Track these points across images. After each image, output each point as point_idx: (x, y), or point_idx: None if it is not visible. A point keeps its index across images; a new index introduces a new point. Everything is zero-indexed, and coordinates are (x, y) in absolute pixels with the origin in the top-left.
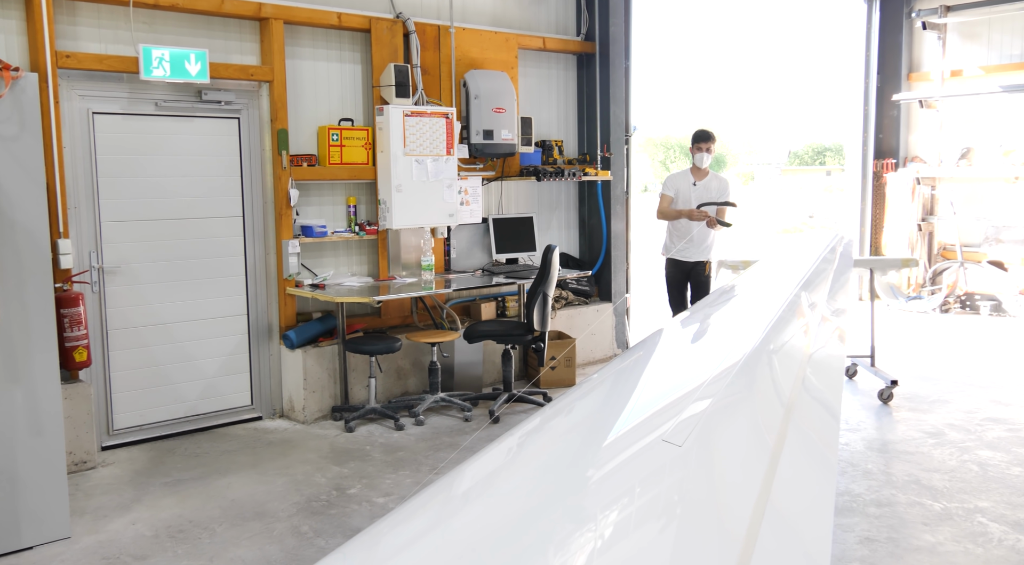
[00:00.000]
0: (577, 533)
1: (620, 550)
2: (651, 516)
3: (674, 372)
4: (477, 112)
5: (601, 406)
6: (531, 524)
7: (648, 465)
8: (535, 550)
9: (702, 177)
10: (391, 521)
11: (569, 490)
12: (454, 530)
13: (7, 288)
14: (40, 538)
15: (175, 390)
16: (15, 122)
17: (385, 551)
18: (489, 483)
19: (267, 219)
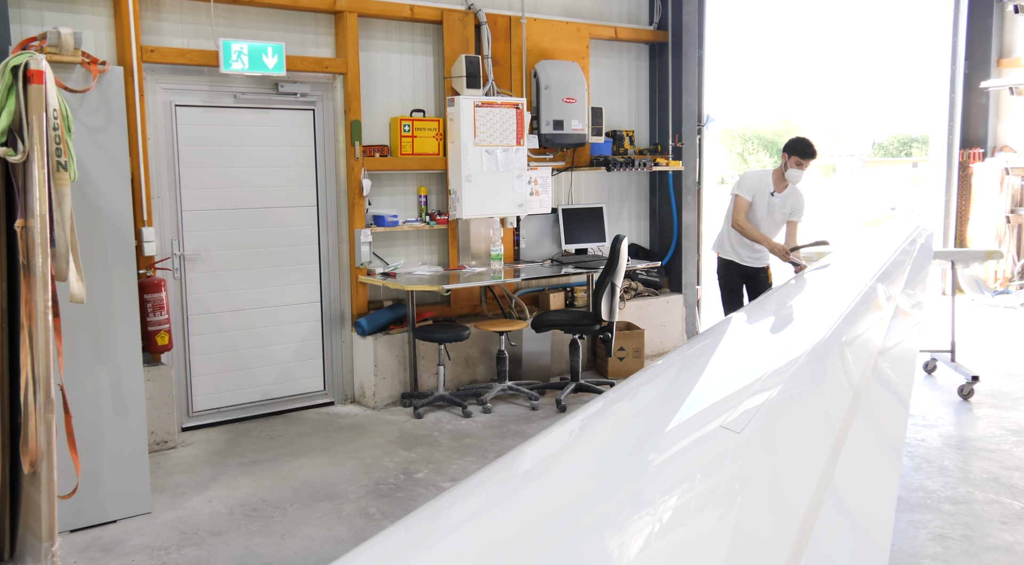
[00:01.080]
0: (635, 516)
1: (677, 534)
2: (710, 502)
3: (739, 360)
4: (547, 102)
5: (664, 392)
6: (590, 506)
7: (708, 452)
8: (592, 531)
9: (783, 188)
10: (452, 497)
11: (629, 474)
12: (513, 509)
13: (94, 273)
14: (123, 513)
15: (251, 374)
16: (102, 114)
17: (445, 526)
18: (549, 464)
19: (340, 209)
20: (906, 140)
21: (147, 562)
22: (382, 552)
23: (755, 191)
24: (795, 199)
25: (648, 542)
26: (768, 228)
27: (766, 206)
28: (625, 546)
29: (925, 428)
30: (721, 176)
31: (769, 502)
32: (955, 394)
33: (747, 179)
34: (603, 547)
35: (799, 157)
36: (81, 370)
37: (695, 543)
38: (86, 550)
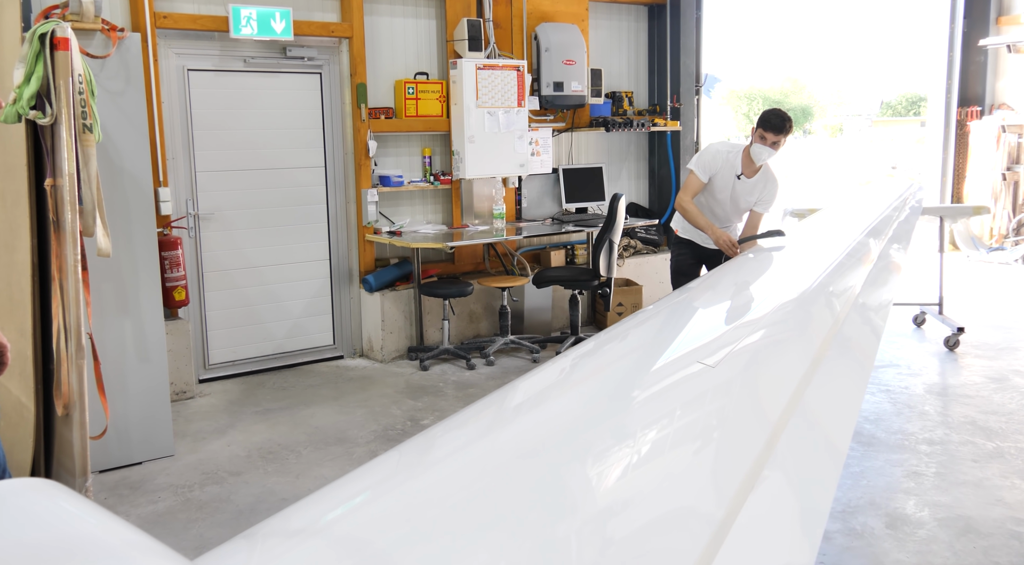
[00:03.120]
0: (616, 447)
1: (653, 450)
2: (687, 426)
3: (725, 304)
4: (548, 64)
5: (654, 334)
6: (574, 437)
7: (688, 384)
8: (575, 459)
9: (752, 172)
10: (446, 426)
11: (613, 406)
12: (502, 439)
13: (117, 229)
14: (148, 455)
15: (264, 329)
16: (121, 78)
17: (437, 454)
18: (540, 399)
19: (347, 169)
20: (915, 99)
21: (172, 498)
22: (378, 475)
23: (715, 170)
24: (765, 187)
25: (629, 463)
26: (728, 217)
27: (729, 190)
28: (604, 473)
29: (909, 377)
30: (727, 137)
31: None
32: (941, 345)
33: (709, 154)
34: (583, 473)
35: (763, 129)
36: (107, 320)
37: (674, 457)
38: (115, 488)
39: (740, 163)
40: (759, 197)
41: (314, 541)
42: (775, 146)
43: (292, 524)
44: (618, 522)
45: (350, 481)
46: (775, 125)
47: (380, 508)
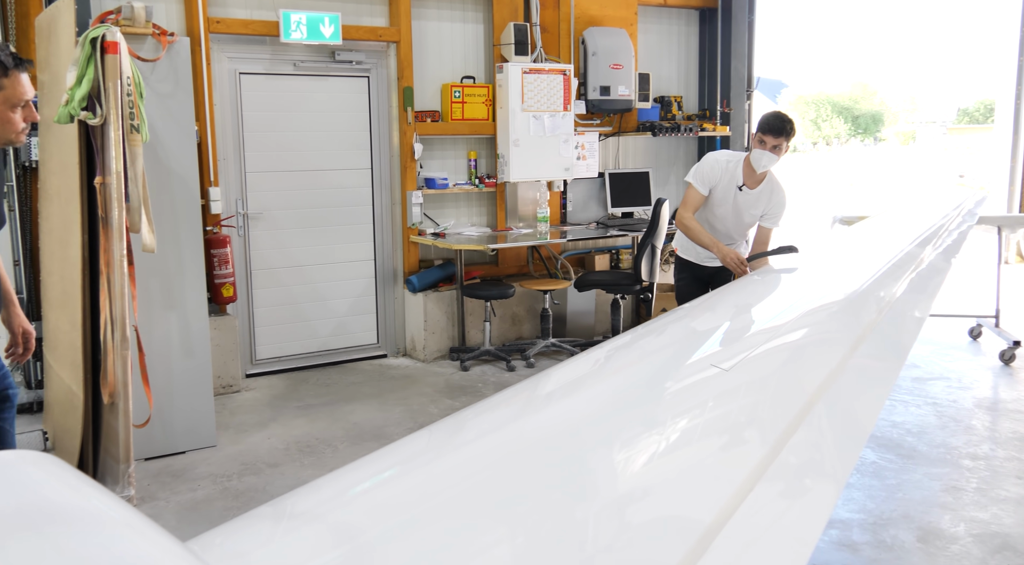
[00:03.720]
0: (644, 435)
1: (659, 445)
2: (693, 427)
3: (748, 308)
4: (595, 69)
5: (690, 330)
6: (601, 423)
7: (700, 386)
8: (601, 445)
9: (756, 183)
10: (477, 409)
11: (642, 398)
12: (533, 424)
13: (164, 227)
14: (191, 445)
15: (309, 327)
16: (171, 81)
17: (467, 435)
18: (572, 387)
19: (393, 171)
20: (993, 105)
21: (211, 487)
22: (407, 452)
23: (715, 181)
24: (771, 199)
25: (655, 447)
26: (730, 233)
27: (731, 203)
28: (631, 459)
29: (959, 390)
30: (793, 144)
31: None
32: (996, 359)
33: (707, 165)
34: (609, 458)
35: (762, 133)
36: (154, 314)
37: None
38: (158, 475)
39: (741, 173)
40: (765, 210)
41: (338, 514)
42: (776, 151)
43: (317, 497)
44: (620, 507)
45: (379, 458)
46: (775, 127)
47: (406, 485)
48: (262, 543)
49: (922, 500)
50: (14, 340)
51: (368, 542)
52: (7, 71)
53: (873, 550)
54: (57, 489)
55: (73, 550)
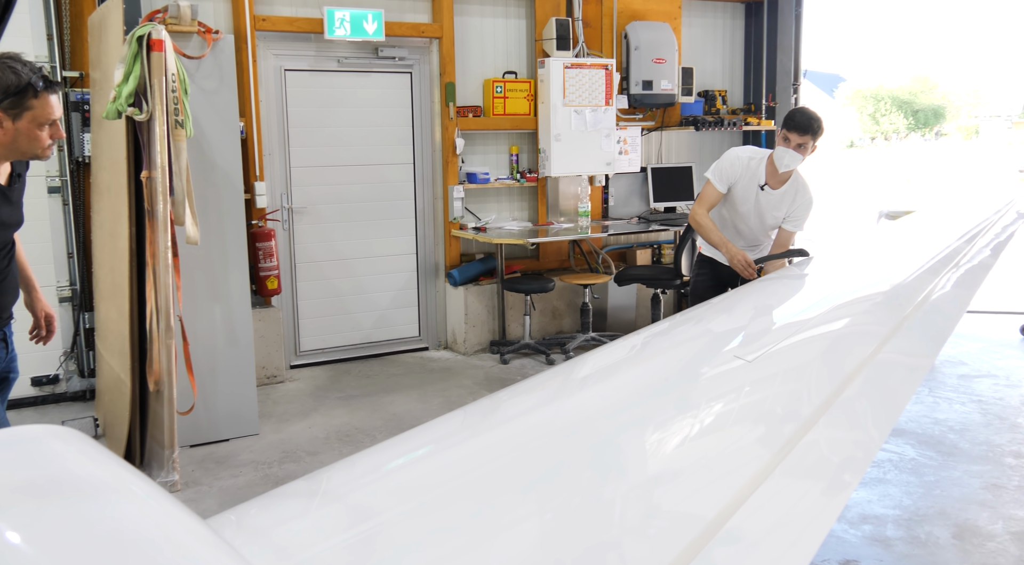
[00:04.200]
0: (678, 418)
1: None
2: (713, 416)
3: (776, 301)
4: (637, 63)
5: (718, 322)
6: (635, 407)
7: (723, 377)
8: (636, 427)
9: (779, 183)
10: (512, 392)
11: (665, 387)
12: (567, 406)
13: (208, 220)
14: (234, 433)
15: (353, 319)
16: (215, 78)
17: (502, 416)
18: (608, 372)
19: (435, 166)
20: None
21: (252, 473)
22: (441, 431)
23: (735, 179)
24: (795, 201)
25: (686, 433)
26: (755, 235)
27: (752, 202)
28: (664, 440)
29: (1007, 388)
30: (850, 139)
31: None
32: None
33: (727, 161)
34: (633, 443)
35: (786, 130)
36: (199, 305)
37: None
38: (202, 462)
39: (764, 172)
40: (788, 212)
41: (361, 493)
42: (801, 150)
43: (352, 472)
44: (644, 489)
45: (415, 436)
46: (800, 124)
47: (441, 462)
48: (280, 521)
49: (960, 497)
50: (36, 323)
51: (389, 520)
52: (37, 93)
53: (906, 546)
54: (79, 461)
55: (92, 517)
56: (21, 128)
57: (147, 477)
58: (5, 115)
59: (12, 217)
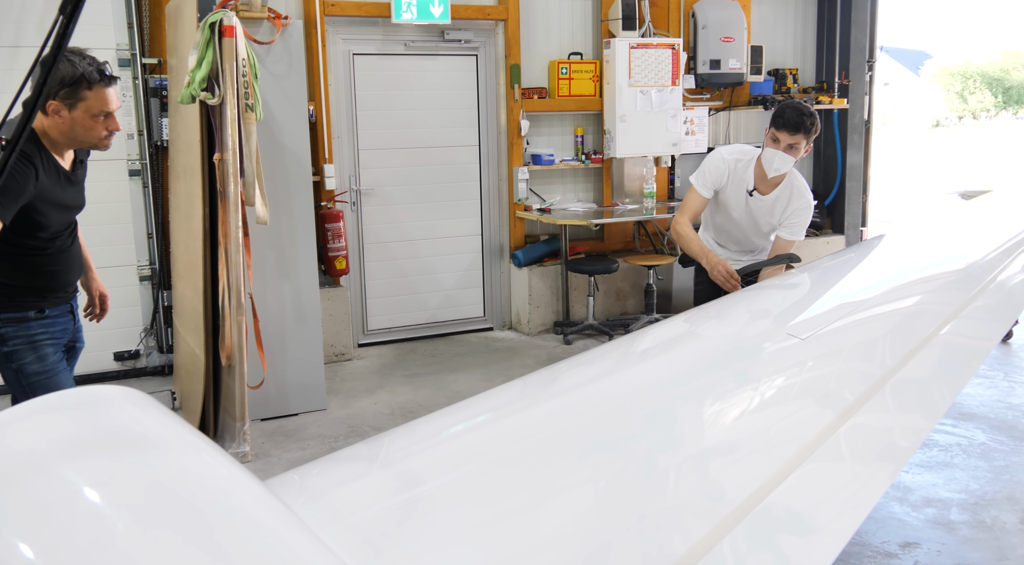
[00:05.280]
0: (738, 390)
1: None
2: (764, 392)
3: (835, 280)
4: (704, 42)
5: (774, 300)
6: (688, 382)
7: (777, 355)
8: (694, 399)
9: (770, 188)
10: (572, 362)
11: (718, 363)
12: (626, 378)
13: (278, 200)
14: (303, 408)
15: (418, 299)
16: (285, 62)
17: (561, 386)
18: (662, 348)
19: (500, 148)
20: None
21: (319, 447)
22: (502, 399)
23: (720, 184)
24: (788, 207)
25: (744, 408)
26: (753, 238)
27: (743, 208)
28: (722, 412)
29: None
30: (936, 118)
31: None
32: None
33: (711, 164)
34: (692, 413)
35: (775, 129)
36: (268, 284)
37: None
38: (272, 435)
39: (752, 176)
40: (781, 219)
41: (430, 453)
42: (792, 151)
43: (411, 438)
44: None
45: (477, 402)
46: (790, 122)
47: (497, 429)
48: (338, 482)
49: None
50: (91, 301)
51: (443, 484)
52: (91, 85)
53: (971, 530)
54: (147, 421)
55: (160, 473)
56: (76, 118)
57: (208, 439)
58: (62, 104)
59: (76, 200)
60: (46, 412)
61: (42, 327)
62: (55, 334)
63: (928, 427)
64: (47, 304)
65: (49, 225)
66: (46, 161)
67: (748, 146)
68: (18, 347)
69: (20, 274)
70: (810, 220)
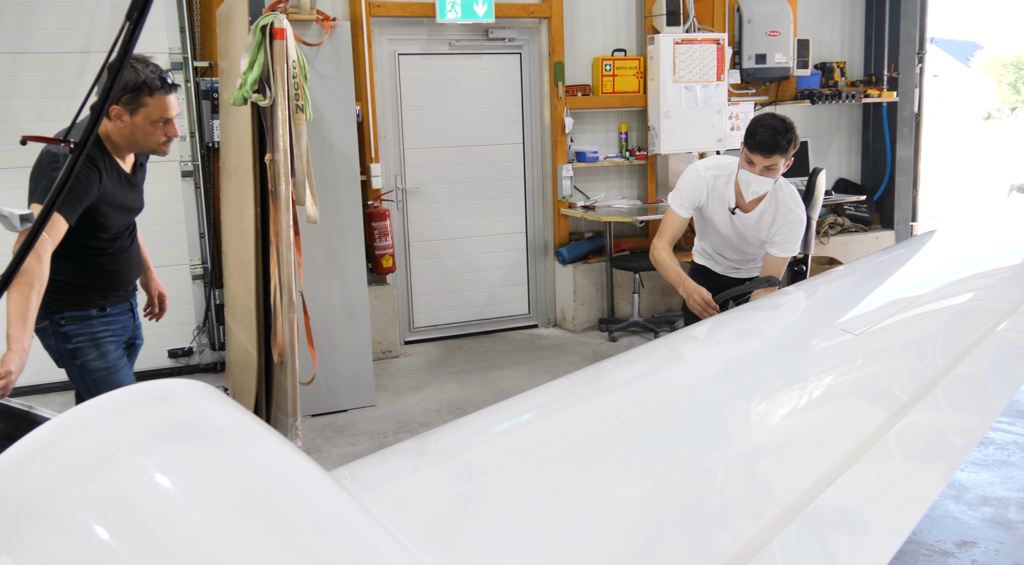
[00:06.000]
0: (781, 389)
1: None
2: (819, 387)
3: (906, 274)
4: (750, 37)
5: (828, 295)
6: (739, 377)
7: (831, 350)
8: (740, 396)
9: (751, 205)
10: (620, 359)
11: (771, 358)
12: (676, 374)
13: (326, 199)
14: (352, 404)
15: (464, 297)
16: (333, 63)
17: (610, 383)
18: (712, 344)
19: (544, 146)
20: None
21: (368, 442)
22: (551, 396)
23: (699, 202)
24: (775, 222)
25: (791, 407)
26: (746, 252)
27: (729, 226)
28: (769, 411)
29: None
30: (987, 110)
31: None
32: None
33: (688, 181)
34: (744, 409)
35: (747, 149)
36: (318, 281)
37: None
38: (323, 430)
39: (732, 192)
40: (768, 235)
41: (469, 453)
42: (770, 173)
43: (465, 432)
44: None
45: (526, 399)
46: (763, 144)
47: (550, 424)
48: (392, 476)
49: None
50: (150, 301)
51: (496, 479)
52: (152, 92)
53: None
54: (216, 413)
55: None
56: (137, 123)
57: (275, 431)
58: (124, 110)
59: (136, 202)
60: (121, 406)
61: (104, 325)
62: (116, 332)
63: (984, 426)
64: (108, 302)
65: (110, 226)
66: (108, 164)
67: (728, 158)
68: (81, 344)
69: (83, 273)
70: (803, 234)
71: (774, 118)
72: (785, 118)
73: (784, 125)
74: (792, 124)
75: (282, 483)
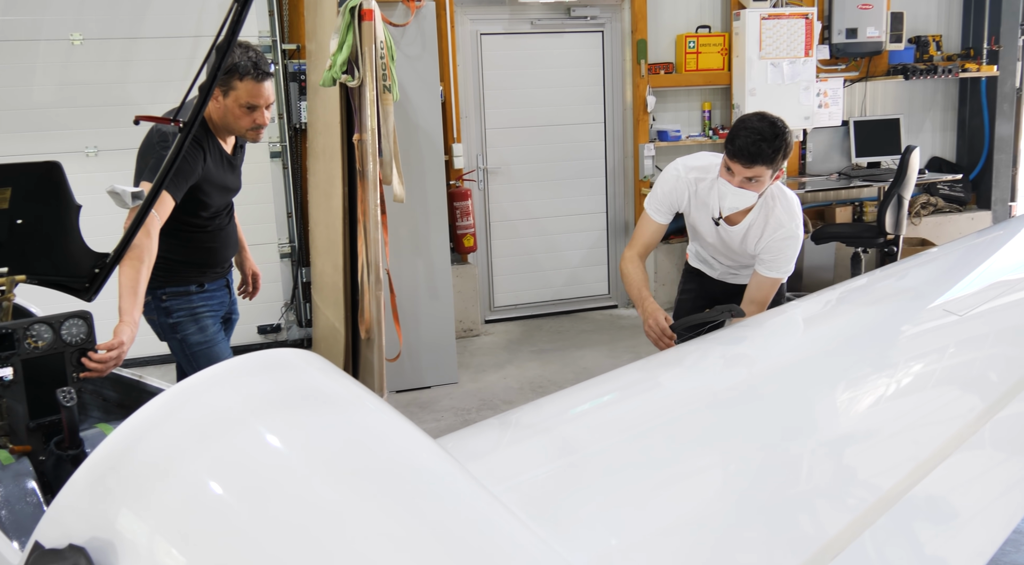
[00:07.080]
0: (881, 372)
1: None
2: (924, 367)
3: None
4: (840, 10)
5: (928, 275)
6: (828, 361)
7: (937, 331)
8: (826, 383)
9: (738, 216)
10: (697, 344)
11: (870, 339)
12: (757, 355)
13: (411, 178)
14: (436, 381)
15: (544, 276)
16: (418, 44)
17: (685, 364)
18: (805, 324)
19: (625, 125)
20: None
21: (452, 418)
22: (630, 379)
23: (680, 206)
24: (764, 237)
25: (879, 397)
26: (739, 259)
27: (715, 235)
28: (855, 399)
29: None
30: None
31: None
32: None
33: (666, 186)
34: (840, 393)
35: (727, 156)
36: (403, 260)
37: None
38: (407, 406)
39: (715, 201)
40: (756, 250)
41: (559, 429)
42: (752, 185)
43: (551, 410)
44: (841, 440)
45: (604, 381)
46: (743, 150)
47: (633, 405)
48: (495, 447)
49: None
50: (244, 279)
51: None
52: (243, 77)
53: None
54: (328, 382)
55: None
56: (228, 105)
57: (383, 400)
58: (219, 91)
59: (235, 183)
60: (238, 374)
61: (202, 300)
62: (214, 307)
63: None
64: (206, 278)
65: (211, 205)
66: (212, 145)
67: (714, 159)
68: (181, 318)
69: (183, 249)
70: (796, 253)
71: (762, 120)
72: (776, 121)
73: (773, 130)
74: (784, 128)
75: (393, 448)
